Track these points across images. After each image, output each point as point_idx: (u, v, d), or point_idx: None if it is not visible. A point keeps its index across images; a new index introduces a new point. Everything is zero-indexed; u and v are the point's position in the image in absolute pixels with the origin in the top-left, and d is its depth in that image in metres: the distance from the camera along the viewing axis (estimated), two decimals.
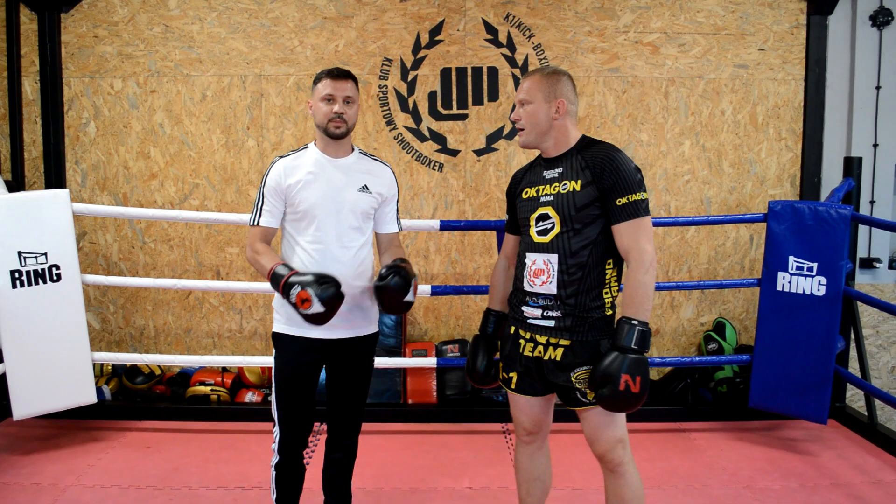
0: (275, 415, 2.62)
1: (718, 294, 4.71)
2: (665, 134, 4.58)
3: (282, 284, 2.39)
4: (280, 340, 2.59)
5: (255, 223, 2.59)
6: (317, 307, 2.34)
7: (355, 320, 2.60)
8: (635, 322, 2.18)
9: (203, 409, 4.33)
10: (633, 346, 2.16)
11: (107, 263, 4.63)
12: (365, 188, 2.61)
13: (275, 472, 2.66)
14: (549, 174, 2.39)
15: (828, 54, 4.52)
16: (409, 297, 2.52)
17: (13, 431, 4.07)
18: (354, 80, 2.59)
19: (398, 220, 2.82)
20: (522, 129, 2.41)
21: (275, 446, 2.63)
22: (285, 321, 2.57)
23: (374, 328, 2.70)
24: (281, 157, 2.62)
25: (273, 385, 2.62)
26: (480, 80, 4.56)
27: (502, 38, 4.53)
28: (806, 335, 3.83)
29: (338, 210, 2.54)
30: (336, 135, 2.55)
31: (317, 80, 2.58)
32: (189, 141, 4.56)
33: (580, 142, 2.38)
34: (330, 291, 2.36)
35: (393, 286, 2.48)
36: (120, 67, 4.52)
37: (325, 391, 2.72)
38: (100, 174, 4.58)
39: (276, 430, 2.62)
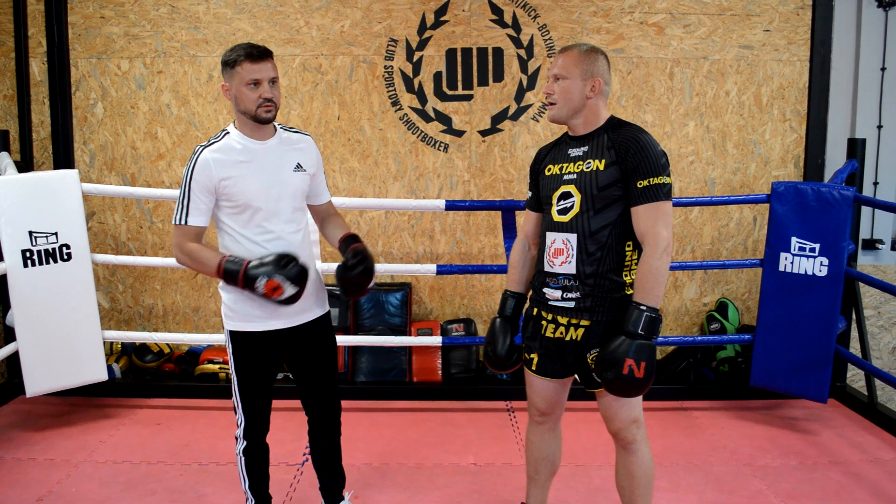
0: (238, 405, 2.58)
1: (721, 274, 4.75)
2: (670, 115, 4.59)
3: (241, 279, 2.33)
4: (237, 339, 2.53)
5: (183, 221, 2.42)
6: (290, 290, 2.33)
7: (308, 304, 2.58)
8: (644, 307, 2.18)
9: (212, 387, 4.38)
10: (640, 332, 2.16)
11: (115, 243, 4.68)
12: (299, 167, 2.54)
13: (244, 458, 2.62)
14: (574, 152, 2.38)
15: (833, 35, 4.51)
16: (371, 285, 2.53)
17: (26, 408, 4.14)
18: (272, 56, 2.45)
19: (326, 187, 2.76)
20: (553, 104, 2.38)
21: (240, 433, 2.60)
22: (239, 318, 2.51)
23: (325, 308, 2.68)
24: (203, 146, 2.43)
25: (234, 379, 2.56)
26: (486, 61, 4.57)
27: (507, 18, 4.53)
28: (807, 315, 3.86)
29: (279, 197, 2.46)
30: (268, 120, 2.43)
31: (232, 62, 2.37)
32: (196, 121, 4.58)
33: (609, 122, 2.37)
34: (295, 269, 2.35)
35: (360, 275, 2.48)
36: (127, 48, 4.53)
37: (295, 381, 2.70)
38: (108, 155, 4.61)
39: (241, 418, 2.58)
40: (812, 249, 3.85)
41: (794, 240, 3.89)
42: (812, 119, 4.57)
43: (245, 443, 2.61)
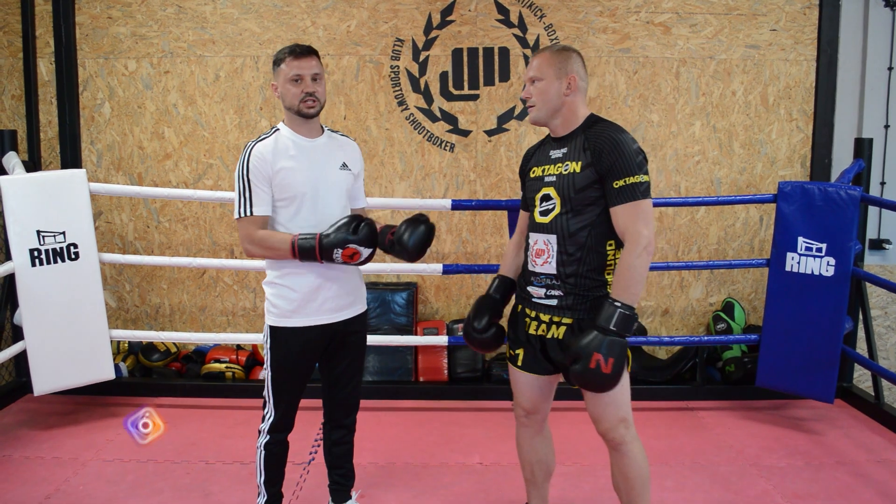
0: (269, 399, 2.60)
1: (728, 274, 4.74)
2: (676, 114, 4.59)
3: (318, 253, 2.40)
4: (277, 334, 2.56)
5: (248, 213, 2.47)
6: (365, 253, 2.45)
7: (348, 301, 2.63)
8: (618, 304, 2.17)
9: (218, 386, 4.41)
10: (611, 328, 2.15)
11: (122, 243, 4.70)
12: (344, 165, 2.61)
13: (264, 452, 2.64)
14: (554, 154, 2.39)
15: (840, 35, 4.50)
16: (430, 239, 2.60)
17: (33, 407, 4.16)
18: (317, 55, 2.55)
19: (364, 193, 2.83)
20: (533, 106, 2.39)
21: (265, 427, 2.63)
22: (281, 314, 2.54)
23: (364, 306, 2.74)
24: (254, 142, 2.51)
25: (269, 373, 2.59)
26: (492, 61, 4.57)
27: (513, 18, 4.53)
28: (814, 315, 3.85)
29: (326, 192, 2.53)
30: (310, 115, 2.52)
31: (278, 60, 2.50)
32: (203, 121, 4.60)
33: (587, 120, 2.37)
34: (366, 231, 2.43)
35: (425, 224, 2.56)
36: (134, 48, 4.55)
37: (320, 373, 2.73)
38: (115, 154, 4.63)
39: (270, 412, 2.61)
40: (819, 249, 3.84)
41: (800, 240, 3.88)
42: (819, 119, 4.56)
43: (268, 437, 2.64)
